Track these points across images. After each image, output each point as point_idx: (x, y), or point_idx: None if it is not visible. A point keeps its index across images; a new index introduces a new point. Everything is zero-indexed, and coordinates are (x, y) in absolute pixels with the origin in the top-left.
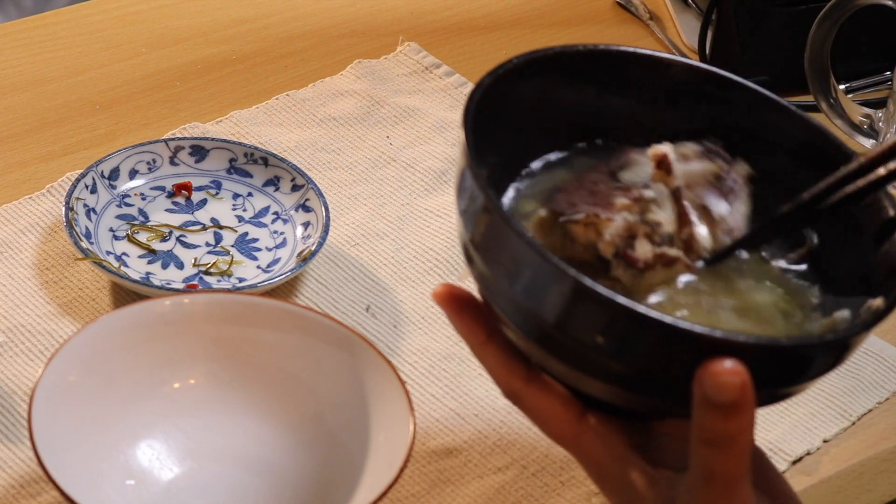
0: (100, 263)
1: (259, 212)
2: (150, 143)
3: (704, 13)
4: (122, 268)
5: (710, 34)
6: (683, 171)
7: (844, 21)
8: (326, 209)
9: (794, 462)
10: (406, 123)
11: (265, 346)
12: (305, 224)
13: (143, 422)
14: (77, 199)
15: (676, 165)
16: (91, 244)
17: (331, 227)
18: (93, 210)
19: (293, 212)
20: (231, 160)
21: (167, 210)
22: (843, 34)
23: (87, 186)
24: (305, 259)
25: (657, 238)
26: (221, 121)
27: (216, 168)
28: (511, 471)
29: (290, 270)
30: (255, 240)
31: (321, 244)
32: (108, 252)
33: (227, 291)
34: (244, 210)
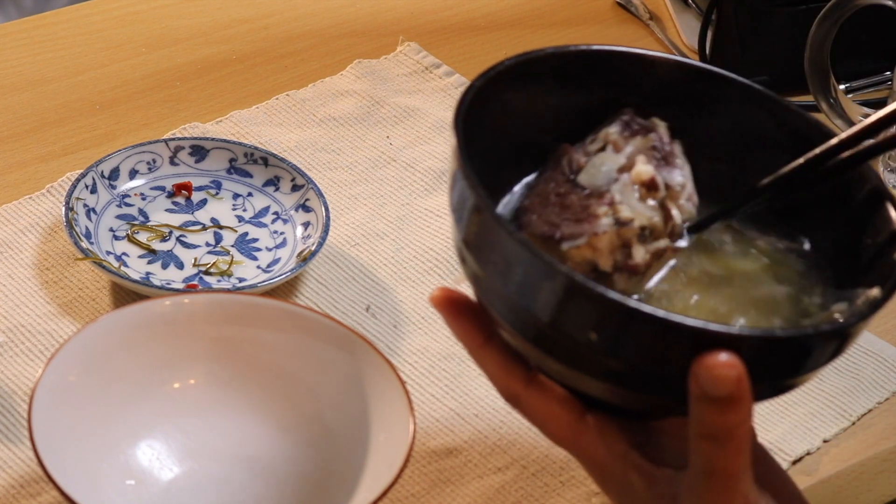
0: (100, 263)
1: (259, 212)
2: (150, 143)
3: (704, 13)
4: (122, 268)
5: (710, 34)
6: (626, 158)
7: (844, 21)
8: (326, 209)
9: (794, 462)
10: (406, 123)
11: (265, 346)
12: (305, 224)
13: (143, 422)
14: (77, 199)
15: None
16: (91, 244)
17: (331, 227)
18: (93, 210)
19: (293, 212)
20: (231, 160)
21: (167, 210)
22: (843, 34)
23: (88, 186)
24: (305, 259)
25: (646, 235)
26: (221, 121)
27: (216, 168)
28: (511, 471)
29: (290, 270)
30: (255, 240)
31: (321, 244)
32: (108, 252)
33: (227, 291)
34: (244, 210)
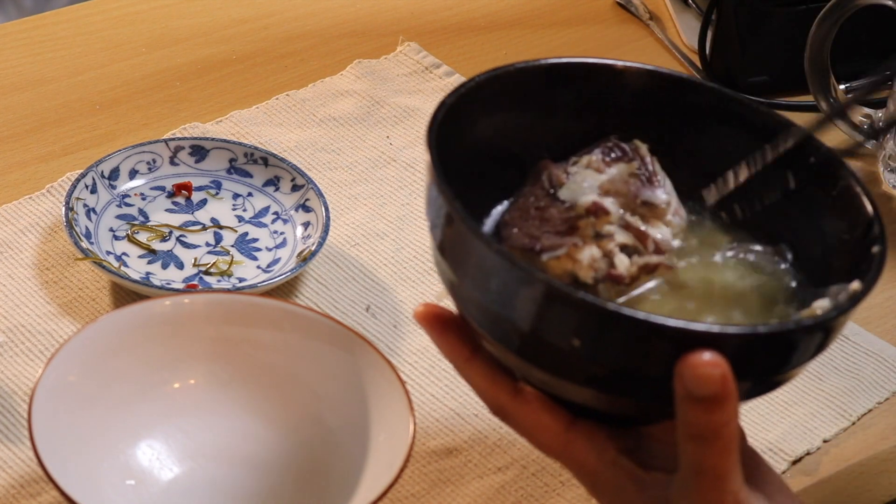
0: (100, 263)
1: (259, 212)
2: (150, 143)
3: (704, 13)
4: (122, 268)
5: (710, 34)
6: (608, 179)
7: (844, 21)
8: (326, 209)
9: (794, 462)
10: (406, 123)
11: (265, 346)
12: (305, 224)
13: (143, 422)
14: (77, 199)
15: (608, 203)
16: (91, 244)
17: (331, 227)
18: (93, 210)
19: (293, 212)
20: (231, 160)
21: (167, 210)
22: (843, 34)
23: (87, 186)
24: (305, 259)
25: (628, 250)
26: (221, 121)
27: (216, 168)
28: (511, 471)
29: (290, 270)
30: (255, 240)
31: (321, 244)
32: (108, 252)
33: (227, 291)
34: (244, 210)
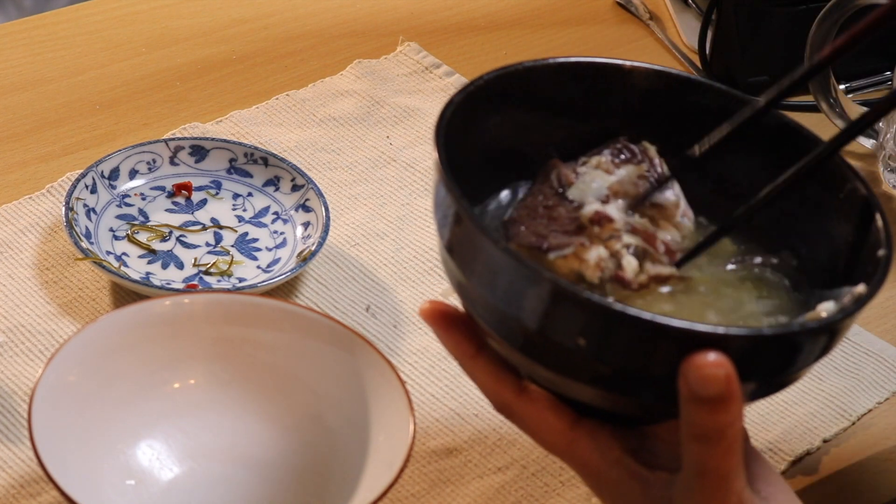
0: (100, 263)
1: (259, 212)
2: (150, 143)
3: (704, 13)
4: (122, 268)
5: (710, 34)
6: (617, 180)
7: (844, 21)
8: (326, 209)
9: (794, 462)
10: (406, 123)
11: (265, 346)
12: (305, 224)
13: (143, 422)
14: (77, 199)
15: (612, 210)
16: (91, 244)
17: (331, 227)
18: (93, 210)
19: (293, 212)
20: (231, 160)
21: (167, 210)
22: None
23: (87, 186)
24: (305, 259)
25: (632, 249)
26: (221, 121)
27: (216, 168)
28: (511, 471)
29: (290, 270)
30: (255, 240)
31: (321, 244)
32: (108, 252)
33: (227, 291)
34: (244, 210)
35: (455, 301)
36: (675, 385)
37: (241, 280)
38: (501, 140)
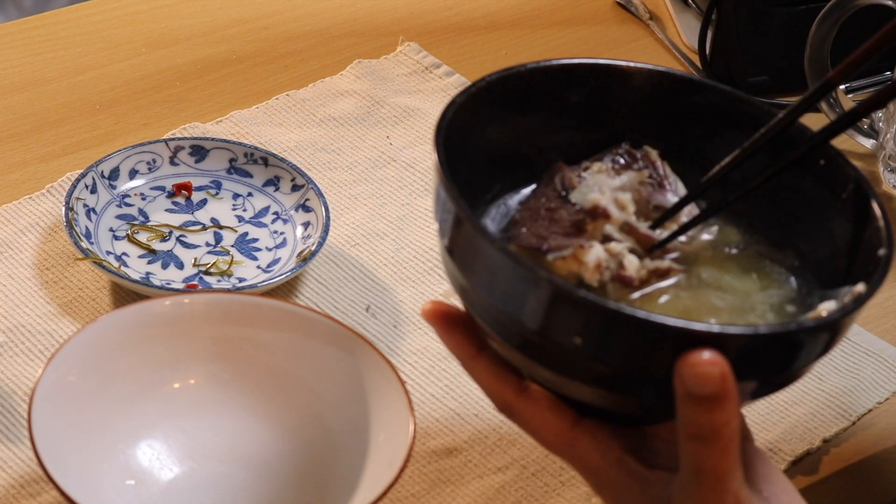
0: (100, 263)
1: (259, 212)
2: (150, 143)
3: (704, 13)
4: (122, 268)
5: (710, 34)
6: (620, 185)
7: (844, 21)
8: (326, 209)
9: (794, 462)
10: (406, 123)
11: (265, 346)
12: (305, 224)
13: (143, 422)
14: (77, 199)
15: (612, 207)
16: (91, 244)
17: (331, 227)
18: (93, 210)
19: (293, 212)
20: (231, 160)
21: (167, 210)
22: (843, 34)
23: (87, 186)
24: (305, 259)
25: (637, 250)
26: (221, 121)
27: (216, 168)
28: (511, 471)
29: (290, 270)
30: (255, 240)
31: (321, 244)
32: (108, 252)
33: (227, 291)
34: (244, 210)
35: (456, 301)
36: (673, 384)
37: (241, 280)
38: (504, 141)
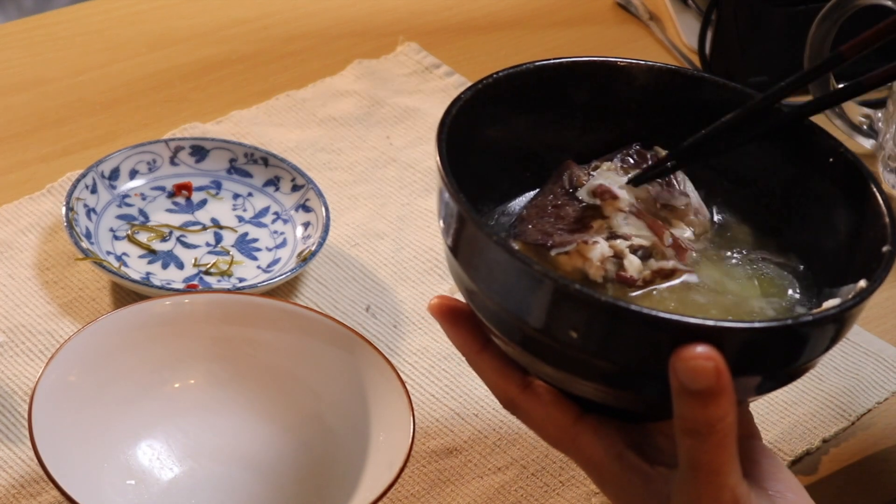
0: (100, 263)
1: (259, 212)
2: (151, 144)
3: (704, 13)
4: (123, 268)
5: (710, 34)
6: (626, 185)
7: (844, 21)
8: (326, 209)
9: (794, 462)
10: (406, 123)
11: (265, 346)
12: (305, 224)
13: (143, 422)
14: (77, 200)
15: (617, 188)
16: (91, 244)
17: (331, 227)
18: (93, 210)
19: (293, 212)
20: (231, 160)
21: (167, 210)
22: (843, 34)
23: (88, 186)
24: (305, 259)
25: (639, 251)
26: (221, 121)
27: (216, 168)
28: (511, 471)
29: (290, 270)
30: (255, 240)
31: (321, 244)
32: (109, 252)
33: (227, 291)
34: (244, 210)
35: (461, 298)
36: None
37: (241, 280)
38: (512, 140)
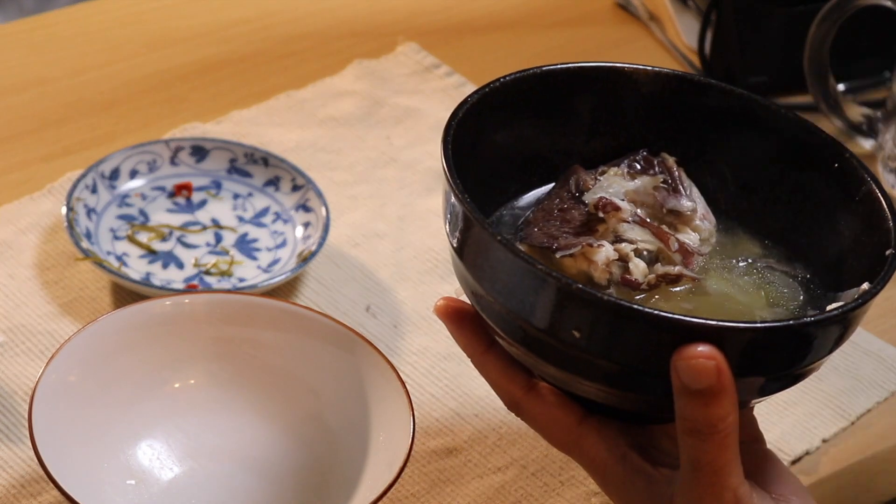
0: (100, 263)
1: (259, 212)
2: (151, 144)
3: (704, 14)
4: (123, 268)
5: (710, 35)
6: (634, 188)
7: (844, 21)
8: (326, 209)
9: (794, 462)
10: (406, 123)
11: (265, 346)
12: (305, 224)
13: (143, 422)
14: (77, 200)
15: (618, 200)
16: (91, 244)
17: (331, 227)
18: (93, 210)
19: (293, 212)
20: (231, 160)
21: (167, 210)
22: (843, 34)
23: (88, 186)
24: (305, 259)
25: (645, 255)
26: (221, 121)
27: (216, 168)
28: (511, 471)
29: (290, 270)
30: (255, 240)
31: (321, 244)
32: (109, 252)
33: (227, 291)
34: (244, 210)
35: (466, 299)
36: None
37: (242, 280)
38: (519, 143)
